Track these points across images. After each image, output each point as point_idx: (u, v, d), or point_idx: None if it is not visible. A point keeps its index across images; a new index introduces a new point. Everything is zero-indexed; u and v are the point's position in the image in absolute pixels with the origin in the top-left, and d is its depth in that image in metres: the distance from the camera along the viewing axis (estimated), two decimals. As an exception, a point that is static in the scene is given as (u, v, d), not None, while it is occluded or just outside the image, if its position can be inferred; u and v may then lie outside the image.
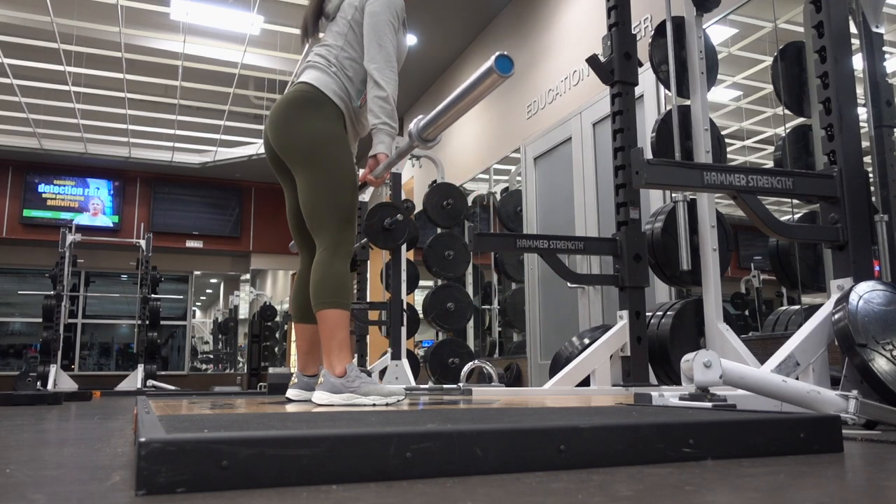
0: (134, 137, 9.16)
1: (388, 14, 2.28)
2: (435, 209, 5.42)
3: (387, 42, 2.26)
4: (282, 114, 2.24)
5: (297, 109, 2.22)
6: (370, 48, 2.25)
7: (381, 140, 2.22)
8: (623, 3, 3.07)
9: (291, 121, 2.22)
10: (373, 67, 2.23)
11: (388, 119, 2.21)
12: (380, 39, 2.25)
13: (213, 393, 6.68)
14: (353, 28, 2.32)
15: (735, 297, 3.86)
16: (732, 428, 1.03)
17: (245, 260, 11.95)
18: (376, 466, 0.83)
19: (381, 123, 2.21)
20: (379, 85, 2.21)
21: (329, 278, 2.10)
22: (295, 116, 2.22)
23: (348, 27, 2.32)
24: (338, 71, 2.28)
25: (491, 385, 4.03)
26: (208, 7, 6.56)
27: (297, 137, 2.21)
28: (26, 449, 1.31)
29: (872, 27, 2.53)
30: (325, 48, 2.33)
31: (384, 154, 2.22)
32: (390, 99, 2.22)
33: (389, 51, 2.26)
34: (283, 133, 2.23)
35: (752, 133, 3.95)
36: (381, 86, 2.21)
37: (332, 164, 2.19)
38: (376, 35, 2.25)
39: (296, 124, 2.21)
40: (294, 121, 2.21)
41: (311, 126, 2.20)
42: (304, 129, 2.20)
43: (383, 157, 2.22)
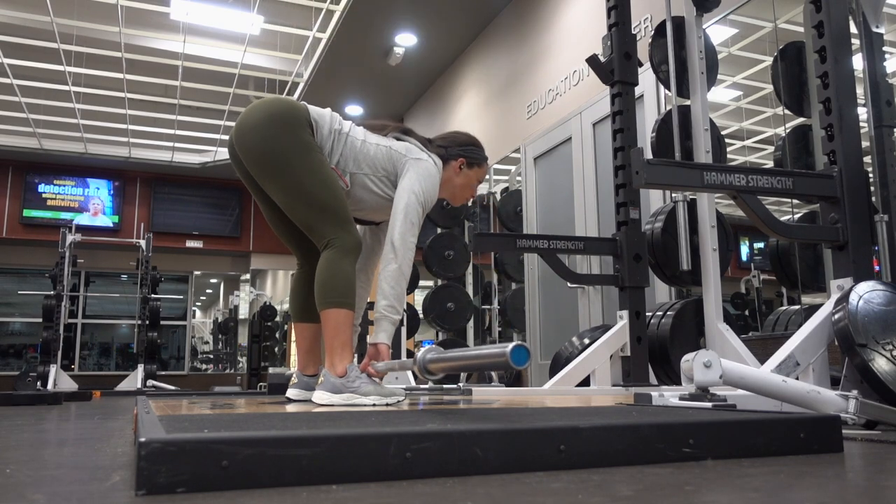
0: (134, 137, 9.16)
1: (424, 196, 2.18)
2: (435, 209, 5.40)
3: (416, 223, 2.16)
4: (251, 122, 2.12)
5: (268, 117, 2.10)
6: (401, 221, 2.13)
7: (384, 329, 2.13)
8: (623, 3, 3.07)
9: (260, 130, 2.10)
10: (399, 242, 2.11)
11: (395, 303, 2.11)
12: (412, 217, 2.14)
13: (213, 393, 6.68)
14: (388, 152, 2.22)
15: (735, 297, 3.87)
16: (732, 428, 1.03)
17: (245, 260, 11.95)
18: (376, 466, 0.83)
19: (387, 308, 2.11)
20: (397, 258, 2.10)
21: (333, 278, 2.09)
22: (264, 126, 2.10)
23: (386, 149, 2.22)
24: (339, 132, 2.18)
25: (491, 385, 4.03)
26: (208, 7, 6.57)
27: (267, 149, 2.09)
28: (26, 449, 1.31)
29: (872, 27, 2.53)
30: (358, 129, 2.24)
31: (385, 345, 2.13)
32: (403, 280, 2.12)
33: (416, 232, 2.16)
34: (252, 144, 2.11)
35: (752, 133, 3.95)
36: (399, 260, 2.10)
37: (308, 172, 2.08)
38: (409, 212, 2.14)
39: (264, 134, 2.09)
40: (263, 130, 2.09)
41: (281, 137, 2.08)
42: (273, 139, 2.08)
43: (384, 349, 2.13)
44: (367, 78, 8.02)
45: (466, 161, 2.37)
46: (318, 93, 7.89)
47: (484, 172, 2.44)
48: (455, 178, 2.37)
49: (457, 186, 2.38)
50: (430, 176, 2.22)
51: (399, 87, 8.33)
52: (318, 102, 2.36)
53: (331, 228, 2.11)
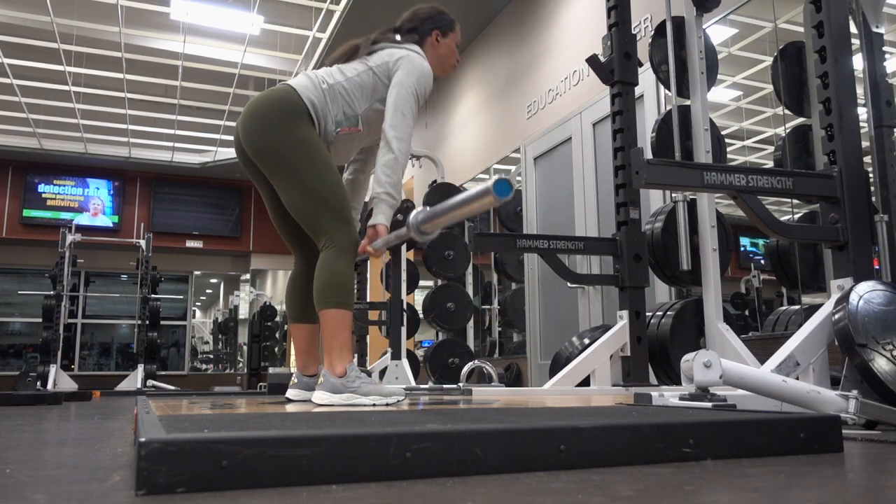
0: (134, 137, 9.16)
1: (416, 87, 2.22)
2: (435, 209, 5.41)
3: (409, 114, 2.20)
4: (254, 115, 2.17)
5: (268, 111, 2.16)
6: (393, 115, 2.18)
7: (382, 211, 2.17)
8: (623, 3, 3.07)
9: (263, 124, 2.15)
10: (391, 134, 2.16)
11: (392, 190, 2.16)
12: (404, 109, 2.19)
13: (213, 393, 6.68)
14: (373, 74, 2.25)
15: (735, 297, 3.87)
16: (732, 428, 1.03)
17: (245, 260, 11.96)
18: (376, 466, 0.83)
19: (384, 193, 2.15)
20: (392, 150, 2.15)
21: (332, 277, 2.10)
22: (267, 119, 2.15)
23: (369, 72, 2.25)
24: (327, 91, 2.21)
25: (491, 385, 4.02)
26: (208, 7, 6.57)
27: (269, 142, 2.15)
28: (26, 449, 1.31)
29: (872, 27, 2.53)
30: (334, 71, 2.27)
31: (383, 225, 2.16)
32: (399, 169, 2.16)
33: (410, 123, 2.20)
34: (255, 137, 2.16)
35: (752, 133, 3.95)
36: (394, 152, 2.15)
37: (308, 166, 2.13)
38: (401, 104, 2.19)
39: (267, 128, 2.14)
40: (266, 124, 2.15)
41: (282, 130, 2.13)
42: (276, 133, 2.14)
43: (382, 229, 2.16)
44: (367, 78, 8.01)
45: (441, 31, 2.43)
46: (318, 93, 7.87)
47: (459, 34, 2.50)
48: (438, 52, 2.43)
49: (442, 58, 2.45)
50: (418, 66, 2.27)
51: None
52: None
53: (330, 226, 2.12)
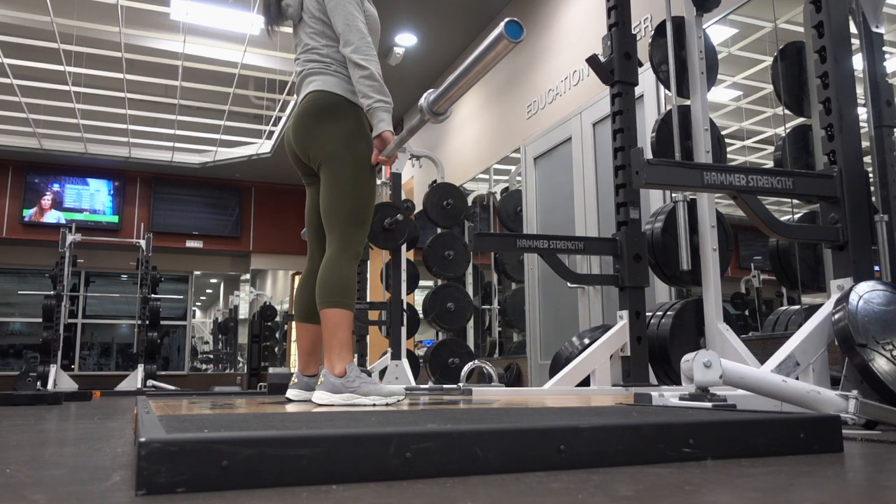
0: (134, 137, 9.15)
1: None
2: (435, 209, 5.42)
3: (355, 20, 2.23)
4: (302, 125, 2.27)
5: (315, 118, 2.24)
6: (343, 32, 2.22)
7: (381, 118, 2.19)
8: (623, 3, 3.07)
9: (313, 130, 2.24)
10: (349, 50, 2.20)
11: (380, 96, 2.19)
12: (347, 20, 2.22)
13: (213, 393, 6.68)
14: (325, 20, 2.30)
15: (735, 297, 3.86)
16: (732, 428, 1.03)
17: (245, 260, 11.95)
18: (376, 466, 0.83)
19: (374, 102, 2.18)
20: (360, 66, 2.18)
21: (335, 278, 2.11)
22: (316, 125, 2.24)
23: (320, 23, 2.31)
24: (337, 67, 2.28)
25: (491, 385, 4.02)
26: (208, 7, 6.57)
27: (321, 144, 2.23)
28: (26, 449, 1.31)
29: (872, 27, 2.53)
30: (312, 52, 2.32)
31: (389, 131, 2.20)
32: (376, 75, 2.19)
33: (361, 28, 2.23)
34: (308, 142, 2.26)
35: (752, 133, 3.95)
36: (363, 65, 2.18)
37: (357, 165, 2.21)
38: (343, 17, 2.23)
39: (318, 132, 2.23)
40: (316, 129, 2.23)
41: (332, 131, 2.22)
42: (327, 135, 2.22)
43: (388, 135, 2.20)
44: (367, 78, 8.00)
45: None
46: (318, 93, 7.88)
47: None
48: None
49: None
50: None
51: (399, 87, 8.32)
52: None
53: (347, 223, 2.18)
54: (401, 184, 5.09)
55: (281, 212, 11.58)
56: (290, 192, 11.53)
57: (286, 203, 11.58)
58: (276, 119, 7.79)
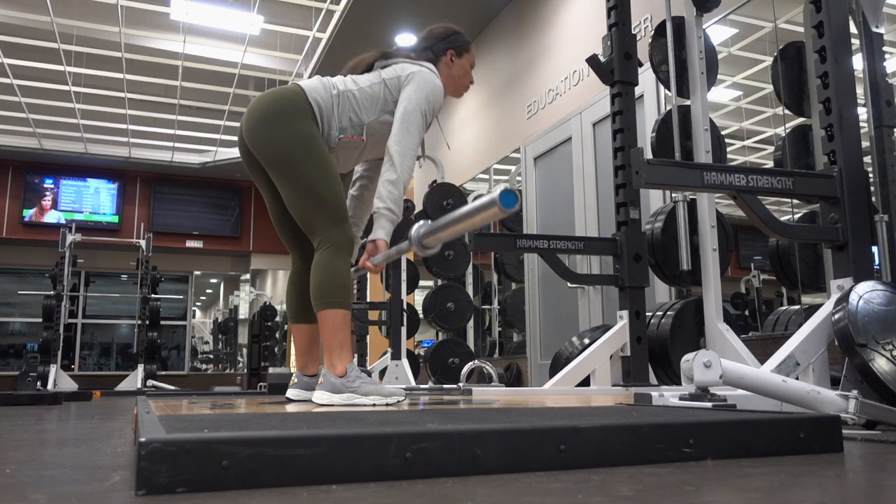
0: (134, 137, 9.16)
1: (424, 104, 2.21)
2: (435, 209, 5.42)
3: (416, 131, 2.19)
4: (258, 114, 2.17)
5: (272, 108, 2.16)
6: (398, 131, 2.17)
7: (382, 226, 2.16)
8: (623, 3, 3.07)
9: (266, 121, 2.15)
10: (396, 150, 2.15)
11: (393, 206, 2.15)
12: (409, 126, 2.18)
13: (213, 393, 6.68)
14: (384, 86, 2.24)
15: (735, 297, 3.86)
16: (732, 428, 1.03)
17: (245, 260, 11.95)
18: (376, 466, 0.83)
19: (385, 209, 2.14)
20: (395, 168, 2.14)
21: (329, 277, 2.10)
22: (269, 116, 2.15)
23: (380, 84, 2.25)
24: (336, 96, 2.21)
25: (491, 385, 4.02)
26: (208, 7, 6.56)
27: (271, 138, 2.14)
28: (26, 449, 1.31)
29: (872, 27, 2.53)
30: (347, 80, 2.26)
31: (383, 241, 2.16)
32: (401, 185, 2.15)
33: (416, 140, 2.19)
34: (258, 133, 2.16)
35: (752, 133, 3.95)
36: (397, 169, 2.14)
37: (310, 165, 2.13)
38: (407, 120, 2.18)
39: (270, 125, 2.14)
40: (268, 121, 2.15)
41: (284, 127, 2.13)
42: (278, 130, 2.13)
43: (382, 244, 2.15)
44: (367, 78, 8.00)
45: (455, 51, 2.43)
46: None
47: (474, 55, 2.51)
48: (451, 72, 2.42)
49: (456, 78, 2.44)
50: (428, 82, 2.25)
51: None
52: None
53: (326, 225, 2.13)
54: (401, 184, 5.09)
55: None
56: (290, 192, 11.51)
57: (286, 203, 11.57)
58: (276, 119, 7.78)
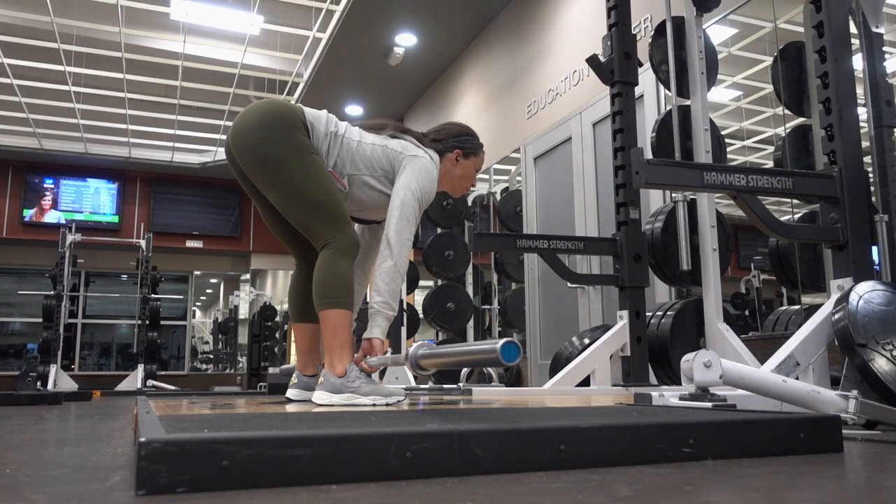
0: (134, 137, 9.16)
1: (421, 192, 2.18)
2: (435, 209, 5.42)
3: (413, 220, 2.16)
4: (256, 119, 2.12)
5: (262, 120, 2.11)
6: (398, 219, 2.13)
7: (379, 324, 2.11)
8: (623, 3, 3.07)
9: (261, 129, 2.10)
10: (395, 239, 2.12)
11: (390, 300, 2.12)
12: (408, 215, 2.15)
13: (213, 393, 6.68)
14: (383, 151, 2.22)
15: (735, 297, 3.86)
16: (732, 428, 1.03)
17: (245, 260, 11.95)
18: (376, 466, 0.83)
19: (382, 304, 2.10)
20: (392, 255, 2.11)
21: (331, 278, 2.10)
22: (265, 124, 2.10)
23: (382, 148, 2.22)
24: (333, 135, 2.17)
25: (491, 385, 4.03)
26: (208, 7, 6.57)
27: (260, 149, 2.09)
28: (26, 449, 1.31)
29: (872, 27, 2.53)
30: (353, 129, 2.24)
31: (379, 340, 2.13)
32: (398, 276, 2.13)
33: (412, 229, 2.17)
34: (251, 141, 2.11)
35: (752, 133, 3.95)
36: (394, 256, 2.11)
37: (303, 171, 2.09)
38: (406, 210, 2.15)
39: (265, 133, 2.09)
40: (263, 129, 2.10)
41: (280, 136, 2.08)
42: (273, 138, 2.08)
43: (378, 344, 2.12)
44: (367, 78, 8.02)
45: (462, 152, 2.38)
46: (318, 93, 7.88)
47: (481, 161, 2.45)
48: (453, 170, 2.38)
49: (455, 178, 2.40)
50: (428, 172, 2.22)
51: (399, 88, 8.33)
52: (317, 103, 2.37)
53: (327, 229, 2.11)
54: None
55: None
56: (290, 192, 11.53)
57: (286, 203, 11.58)
58: (276, 119, 7.78)
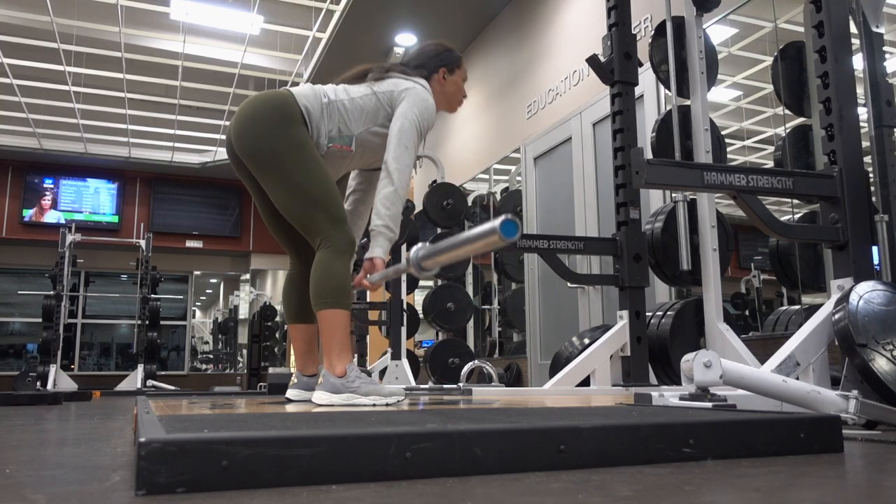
0: (134, 137, 9.16)
1: (419, 120, 2.22)
2: (435, 209, 5.42)
3: (412, 147, 2.20)
4: (246, 116, 2.16)
5: (260, 113, 2.15)
6: (396, 147, 2.18)
7: (380, 244, 2.15)
8: (623, 3, 3.07)
9: (254, 125, 2.14)
10: (394, 167, 2.15)
11: (391, 223, 2.15)
12: (406, 142, 2.19)
13: (213, 393, 6.68)
14: (376, 99, 2.25)
15: (735, 297, 3.86)
16: (732, 428, 1.03)
17: (245, 260, 11.95)
18: (376, 466, 0.83)
19: (382, 226, 2.14)
20: (392, 183, 2.14)
21: (328, 278, 2.10)
22: (258, 120, 2.14)
23: (372, 97, 2.25)
24: (326, 105, 2.20)
25: (491, 385, 4.02)
26: (208, 7, 6.56)
27: (260, 143, 2.13)
28: (26, 449, 1.31)
29: (872, 27, 2.53)
30: (339, 89, 2.27)
31: (380, 259, 2.15)
32: (399, 201, 2.16)
33: (412, 156, 2.20)
34: (246, 138, 2.14)
35: (752, 133, 3.95)
36: (395, 184, 2.14)
37: (300, 166, 2.12)
38: (404, 137, 2.19)
39: (258, 129, 2.13)
40: (257, 125, 2.13)
41: (274, 132, 2.12)
42: (267, 134, 2.12)
43: (379, 262, 2.15)
44: (367, 78, 8.00)
45: (447, 68, 2.44)
46: (318, 93, 7.87)
47: (465, 70, 2.51)
48: (444, 89, 2.44)
49: (449, 95, 2.46)
50: (423, 100, 2.27)
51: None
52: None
53: (324, 227, 2.12)
54: (401, 184, 5.09)
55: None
56: (290, 192, 11.53)
57: (286, 203, 11.57)
58: (276, 119, 7.78)
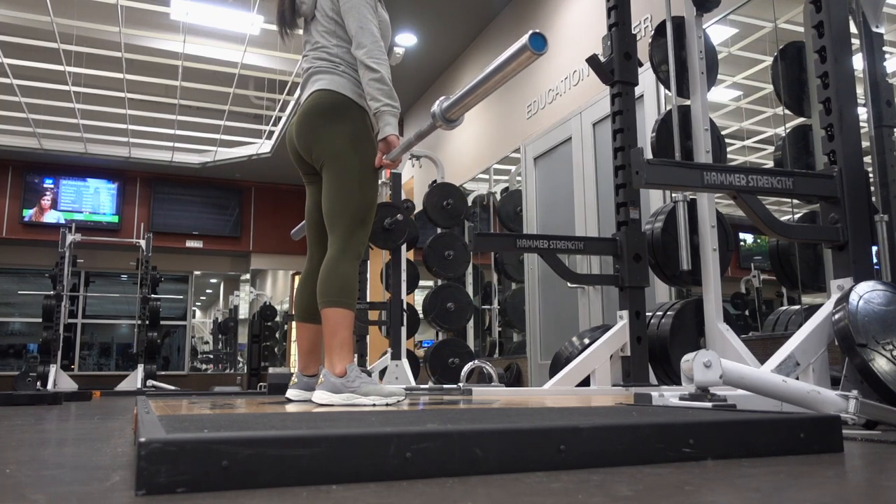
0: (134, 137, 9.15)
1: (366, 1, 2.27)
2: (435, 209, 5.42)
3: (369, 24, 2.24)
4: (307, 123, 2.26)
5: (321, 117, 2.24)
6: (356, 35, 2.23)
7: (388, 122, 2.22)
8: (623, 3, 3.07)
9: (318, 129, 2.24)
10: (361, 53, 2.21)
11: (388, 100, 2.21)
12: (361, 22, 2.23)
13: (213, 393, 6.68)
14: (338, 21, 2.31)
15: (735, 297, 3.86)
16: (732, 428, 1.03)
17: (245, 260, 11.95)
18: (376, 466, 0.83)
19: (383, 106, 2.20)
20: (371, 68, 2.20)
21: (335, 278, 2.11)
22: (321, 124, 2.24)
23: (333, 23, 2.32)
24: (346, 68, 2.29)
25: (491, 385, 4.02)
26: (208, 7, 6.57)
27: (326, 143, 2.23)
28: (26, 449, 1.31)
29: (872, 27, 2.53)
30: (322, 51, 2.33)
31: (394, 136, 2.22)
32: (385, 79, 2.22)
33: (374, 32, 2.25)
34: (311, 141, 2.25)
35: (752, 133, 3.94)
36: (374, 68, 2.20)
37: (361, 166, 2.22)
38: (357, 19, 2.24)
39: (323, 131, 2.23)
40: (321, 128, 2.23)
41: (339, 131, 2.22)
42: (331, 134, 2.22)
43: (394, 139, 2.22)
44: (367, 78, 8.01)
45: None
46: (318, 93, 7.87)
47: None
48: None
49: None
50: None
51: (399, 87, 8.26)
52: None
53: (348, 226, 2.18)
54: (401, 184, 5.09)
55: (281, 212, 11.58)
56: (290, 192, 11.54)
57: (286, 203, 11.59)
58: (276, 119, 7.79)
